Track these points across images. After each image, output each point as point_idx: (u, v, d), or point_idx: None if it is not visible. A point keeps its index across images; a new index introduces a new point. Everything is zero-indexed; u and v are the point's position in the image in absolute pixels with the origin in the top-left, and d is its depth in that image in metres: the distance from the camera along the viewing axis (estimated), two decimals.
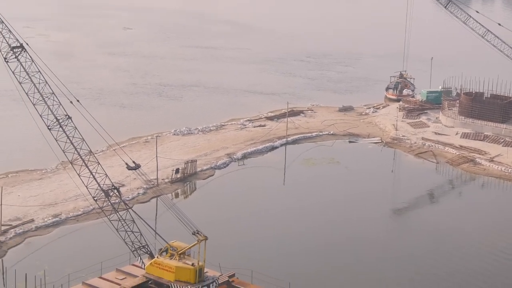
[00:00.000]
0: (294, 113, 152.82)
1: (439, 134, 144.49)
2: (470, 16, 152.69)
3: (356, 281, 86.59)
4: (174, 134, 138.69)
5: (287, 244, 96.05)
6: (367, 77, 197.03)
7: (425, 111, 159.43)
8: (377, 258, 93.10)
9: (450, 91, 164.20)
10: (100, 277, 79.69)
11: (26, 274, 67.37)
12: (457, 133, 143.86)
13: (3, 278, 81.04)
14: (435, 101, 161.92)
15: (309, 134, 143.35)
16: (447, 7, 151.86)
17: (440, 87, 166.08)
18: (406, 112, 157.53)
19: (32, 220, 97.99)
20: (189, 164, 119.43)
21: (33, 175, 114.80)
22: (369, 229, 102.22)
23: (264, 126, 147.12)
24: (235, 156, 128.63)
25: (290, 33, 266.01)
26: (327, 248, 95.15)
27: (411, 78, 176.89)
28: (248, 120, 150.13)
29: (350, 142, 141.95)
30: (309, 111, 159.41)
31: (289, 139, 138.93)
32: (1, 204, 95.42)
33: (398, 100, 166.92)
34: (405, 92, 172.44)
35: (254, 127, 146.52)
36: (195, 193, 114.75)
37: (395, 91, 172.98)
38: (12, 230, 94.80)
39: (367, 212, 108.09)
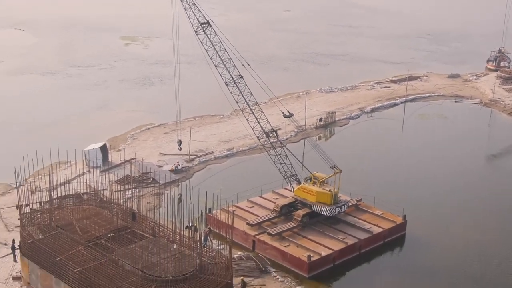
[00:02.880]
0: (412, 78, 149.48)
1: None
2: None
3: (457, 211, 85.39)
4: (319, 92, 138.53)
5: (403, 177, 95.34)
6: (472, 51, 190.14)
7: None
8: (474, 192, 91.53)
9: None
10: (260, 196, 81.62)
11: (206, 192, 68.94)
12: None
13: (190, 194, 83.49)
14: None
15: (424, 95, 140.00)
16: None
17: None
18: (502, 79, 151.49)
19: (212, 152, 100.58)
20: (330, 114, 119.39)
21: (213, 119, 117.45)
22: (469, 168, 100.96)
23: (388, 87, 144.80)
24: (365, 110, 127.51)
25: (414, 14, 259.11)
26: (435, 182, 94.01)
27: (507, 53, 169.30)
28: (377, 83, 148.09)
29: (456, 102, 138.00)
30: (424, 77, 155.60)
31: (407, 98, 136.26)
32: (190, 140, 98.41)
33: (496, 70, 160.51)
34: (502, 64, 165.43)
35: (381, 88, 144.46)
36: (333, 136, 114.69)
37: (494, 62, 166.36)
38: (197, 159, 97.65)
39: (468, 155, 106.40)
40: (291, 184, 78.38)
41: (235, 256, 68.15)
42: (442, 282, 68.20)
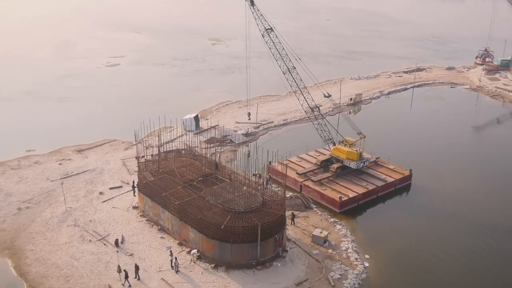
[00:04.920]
0: (419, 69, 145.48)
1: (506, 85, 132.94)
2: None
3: (450, 166, 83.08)
4: (351, 79, 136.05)
5: (411, 142, 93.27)
6: (465, 50, 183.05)
7: (499, 71, 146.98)
8: (464, 153, 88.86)
9: None
10: (306, 153, 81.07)
11: (268, 149, 68.97)
12: None
13: (256, 151, 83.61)
14: (505, 66, 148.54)
15: (427, 82, 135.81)
16: None
17: (510, 57, 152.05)
18: (487, 71, 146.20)
19: (272, 122, 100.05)
20: (358, 95, 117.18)
21: (273, 98, 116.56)
22: (460, 136, 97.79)
23: (401, 76, 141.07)
24: (384, 93, 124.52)
25: (424, 22, 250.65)
26: (435, 146, 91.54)
27: (491, 51, 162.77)
28: (393, 72, 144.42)
29: (451, 87, 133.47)
30: (428, 69, 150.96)
31: (415, 84, 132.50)
32: (257, 112, 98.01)
33: (482, 64, 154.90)
34: (487, 59, 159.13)
35: (396, 76, 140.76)
36: (360, 112, 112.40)
37: (481, 58, 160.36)
38: (261, 126, 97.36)
39: (459, 127, 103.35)
40: (328, 145, 77.61)
41: (287, 196, 68.10)
42: (437, 217, 67.04)
